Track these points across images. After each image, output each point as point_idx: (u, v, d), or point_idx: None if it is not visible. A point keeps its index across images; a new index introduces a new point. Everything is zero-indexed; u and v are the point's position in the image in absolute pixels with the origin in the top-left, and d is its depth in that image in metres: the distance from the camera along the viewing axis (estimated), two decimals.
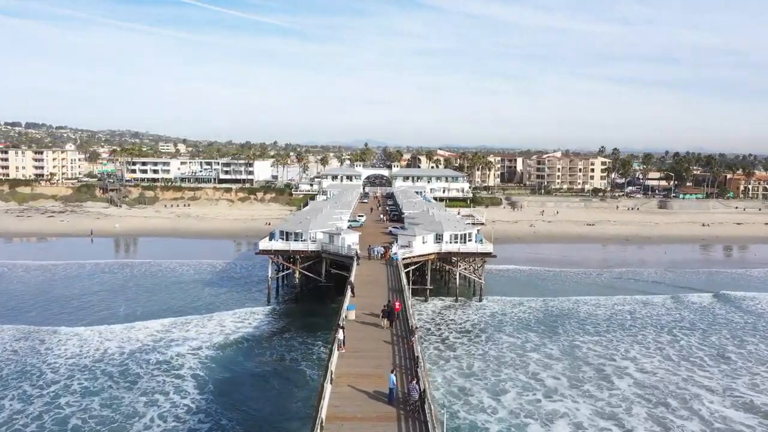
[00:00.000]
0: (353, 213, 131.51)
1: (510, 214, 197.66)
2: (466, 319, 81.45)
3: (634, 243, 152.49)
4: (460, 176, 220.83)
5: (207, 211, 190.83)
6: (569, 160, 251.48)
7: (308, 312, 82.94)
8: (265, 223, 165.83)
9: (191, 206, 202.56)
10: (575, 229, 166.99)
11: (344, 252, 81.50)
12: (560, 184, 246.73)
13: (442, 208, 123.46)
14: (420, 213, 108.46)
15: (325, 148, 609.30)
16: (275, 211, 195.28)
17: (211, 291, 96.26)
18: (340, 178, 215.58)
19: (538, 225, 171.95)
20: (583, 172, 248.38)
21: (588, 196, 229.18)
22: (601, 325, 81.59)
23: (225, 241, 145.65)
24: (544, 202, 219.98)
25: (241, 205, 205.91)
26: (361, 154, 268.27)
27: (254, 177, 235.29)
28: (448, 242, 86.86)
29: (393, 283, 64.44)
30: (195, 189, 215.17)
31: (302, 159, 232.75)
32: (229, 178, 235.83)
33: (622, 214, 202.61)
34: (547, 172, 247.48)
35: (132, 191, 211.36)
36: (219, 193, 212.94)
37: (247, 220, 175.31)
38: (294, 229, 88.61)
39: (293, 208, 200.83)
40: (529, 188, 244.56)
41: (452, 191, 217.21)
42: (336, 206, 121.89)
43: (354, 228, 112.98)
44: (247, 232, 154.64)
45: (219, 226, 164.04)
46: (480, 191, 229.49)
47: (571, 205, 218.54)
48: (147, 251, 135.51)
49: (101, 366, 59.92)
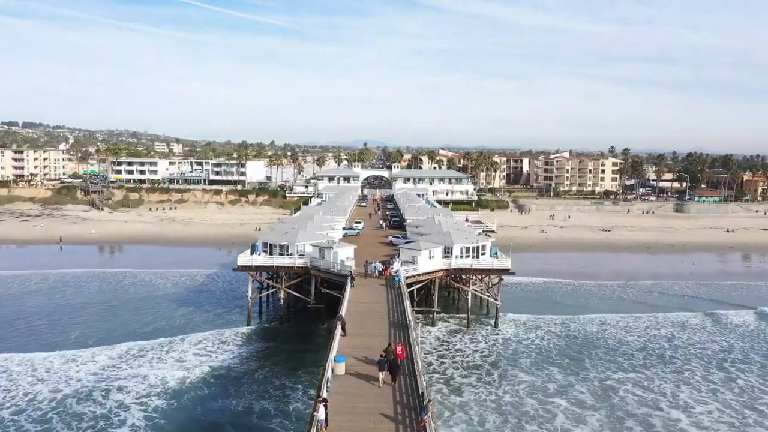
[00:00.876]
0: (350, 219, 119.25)
1: (518, 218, 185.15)
2: (475, 348, 69.08)
3: (656, 251, 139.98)
4: (464, 178, 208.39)
5: (194, 215, 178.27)
6: (579, 161, 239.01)
7: (293, 337, 70.53)
8: (254, 228, 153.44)
9: (178, 209, 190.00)
10: (590, 236, 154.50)
11: (336, 269, 69.07)
12: (569, 186, 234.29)
13: (449, 214, 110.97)
14: (425, 221, 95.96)
15: (324, 149, 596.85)
16: (267, 215, 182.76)
17: (185, 309, 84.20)
18: (337, 180, 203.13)
19: (550, 231, 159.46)
20: (593, 174, 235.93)
21: (599, 199, 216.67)
22: (636, 356, 69.29)
23: (209, 248, 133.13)
24: (553, 205, 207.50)
25: (231, 209, 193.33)
26: (359, 154, 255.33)
27: (246, 178, 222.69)
28: (458, 257, 74.38)
29: (395, 315, 51.92)
30: (183, 191, 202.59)
31: (297, 159, 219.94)
32: (220, 180, 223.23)
33: (637, 218, 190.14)
34: (555, 174, 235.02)
35: (115, 193, 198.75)
36: (208, 196, 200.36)
37: (236, 225, 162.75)
38: (279, 240, 76.11)
39: (286, 211, 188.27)
40: (537, 190, 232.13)
41: (456, 194, 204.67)
42: (330, 211, 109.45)
43: (350, 237, 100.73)
44: (234, 238, 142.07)
45: (205, 232, 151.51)
46: (485, 194, 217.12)
47: (582, 208, 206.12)
48: (122, 260, 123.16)
49: (20, 421, 47.34)
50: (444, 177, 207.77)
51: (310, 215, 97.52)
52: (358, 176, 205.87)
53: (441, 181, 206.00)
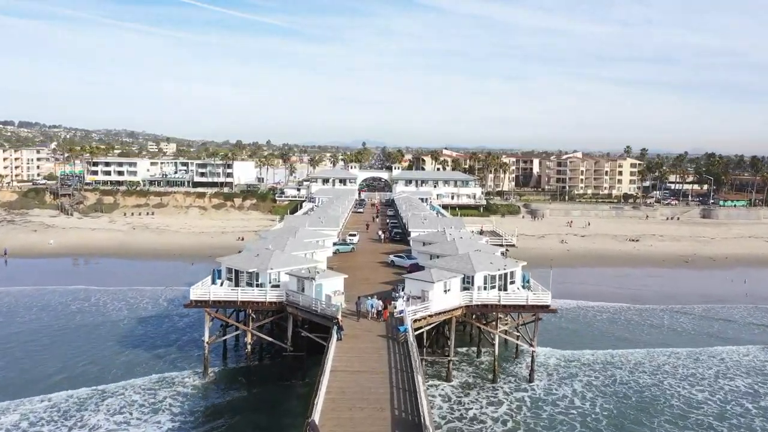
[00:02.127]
0: (343, 230, 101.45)
1: (532, 225, 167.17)
2: (498, 415, 51.18)
3: (697, 265, 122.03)
4: (471, 180, 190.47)
5: (172, 222, 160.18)
6: (594, 162, 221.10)
7: (260, 403, 52.56)
8: (237, 237, 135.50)
9: (155, 215, 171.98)
10: (617, 246, 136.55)
11: (319, 308, 51.16)
12: (584, 189, 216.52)
13: (461, 226, 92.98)
14: (433, 236, 78.02)
15: (323, 149, 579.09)
16: (254, 221, 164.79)
17: (133, 345, 67.43)
18: (332, 182, 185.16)
19: (571, 240, 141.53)
20: (610, 176, 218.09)
21: (618, 204, 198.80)
22: (718, 428, 51.49)
23: (183, 262, 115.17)
24: (568, 210, 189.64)
25: (214, 214, 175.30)
26: (357, 154, 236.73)
27: (234, 180, 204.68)
28: (481, 288, 56.46)
29: (402, 402, 33.75)
30: (163, 194, 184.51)
31: (289, 159, 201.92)
32: (204, 181, 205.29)
33: (662, 225, 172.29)
34: (568, 176, 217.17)
35: (88, 197, 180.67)
36: (190, 199, 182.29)
37: (217, 233, 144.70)
38: (247, 266, 58.24)
39: (276, 217, 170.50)
40: (549, 193, 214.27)
41: (462, 197, 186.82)
42: (319, 222, 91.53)
43: (343, 253, 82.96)
44: (213, 249, 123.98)
45: (180, 242, 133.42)
46: (493, 197, 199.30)
47: (601, 213, 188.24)
48: (78, 276, 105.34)
49: None
50: (449, 179, 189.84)
51: (293, 229, 79.53)
52: (355, 178, 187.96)
53: (446, 183, 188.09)
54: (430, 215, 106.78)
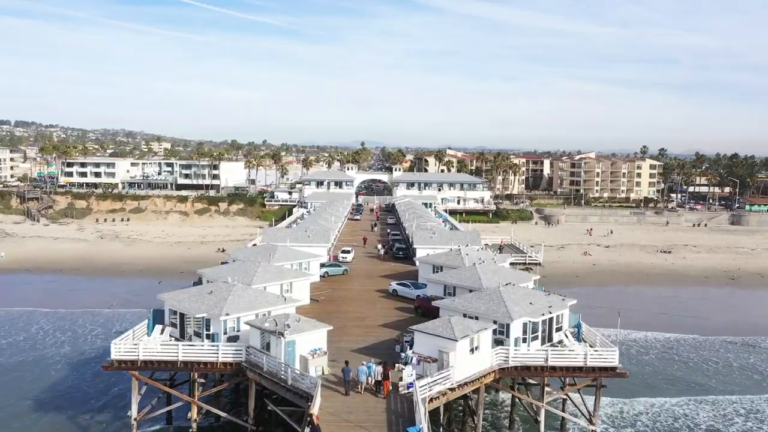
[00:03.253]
0: (336, 243, 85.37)
1: (547, 233, 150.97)
2: None
3: (746, 284, 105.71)
4: (479, 183, 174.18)
5: (147, 229, 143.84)
6: (611, 163, 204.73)
7: None
8: (217, 249, 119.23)
9: (131, 221, 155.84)
10: (649, 260, 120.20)
11: (289, 379, 34.92)
12: (599, 192, 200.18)
13: (477, 240, 76.58)
14: (446, 257, 61.89)
15: (322, 149, 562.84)
16: (240, 229, 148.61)
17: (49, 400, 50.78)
18: (327, 185, 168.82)
19: (595, 252, 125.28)
20: (628, 178, 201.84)
21: (639, 209, 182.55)
22: None
23: (149, 279, 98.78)
24: (585, 216, 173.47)
25: (196, 220, 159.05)
26: (354, 154, 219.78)
27: (221, 182, 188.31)
28: (519, 340, 40.17)
29: None
30: (142, 198, 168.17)
31: (280, 160, 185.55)
32: (189, 184, 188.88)
33: (691, 233, 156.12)
34: (583, 178, 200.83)
35: (59, 201, 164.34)
36: (171, 203, 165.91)
37: (196, 243, 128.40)
38: (195, 309, 41.81)
39: (265, 223, 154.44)
40: (562, 197, 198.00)
41: (469, 202, 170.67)
42: (306, 237, 75.22)
43: (333, 276, 66.98)
44: (188, 262, 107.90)
45: (151, 254, 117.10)
46: (502, 201, 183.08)
47: (621, 220, 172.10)
48: (24, 297, 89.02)
49: None
50: (455, 182, 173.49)
51: (270, 249, 63.26)
52: (352, 181, 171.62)
53: (451, 186, 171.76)
54: (439, 228, 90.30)
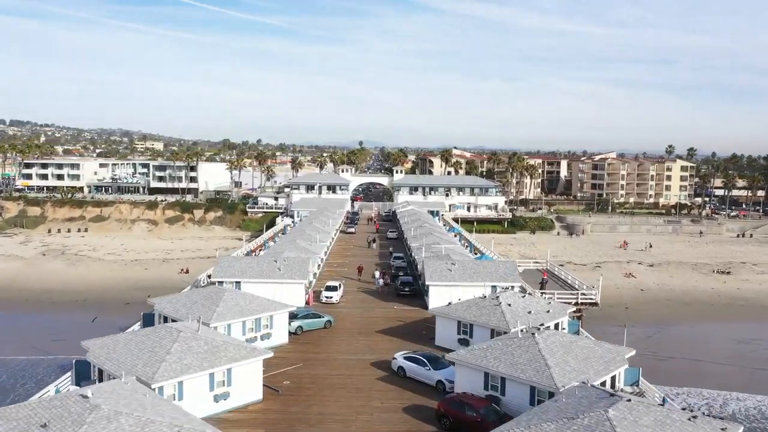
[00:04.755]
0: (319, 274, 64.19)
1: (572, 246, 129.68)
2: None
3: None
4: (492, 186, 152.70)
5: (105, 243, 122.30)
6: (637, 164, 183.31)
7: None
8: (180, 269, 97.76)
9: (89, 232, 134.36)
10: (706, 283, 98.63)
11: None
12: (625, 197, 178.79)
13: (515, 275, 54.80)
14: (478, 310, 41.19)
15: (321, 149, 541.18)
16: (215, 241, 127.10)
17: None
18: (318, 189, 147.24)
19: (638, 272, 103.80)
20: (656, 181, 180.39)
21: (673, 216, 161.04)
22: None
23: (84, 315, 77.22)
24: (614, 225, 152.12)
25: (166, 230, 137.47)
26: (350, 154, 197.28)
27: (199, 185, 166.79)
28: None
29: None
30: (105, 204, 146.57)
31: (265, 160, 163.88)
32: (163, 187, 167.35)
33: (737, 245, 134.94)
34: (606, 181, 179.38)
35: (8, 207, 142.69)
36: (139, 211, 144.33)
37: (158, 260, 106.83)
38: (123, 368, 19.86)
39: (246, 234, 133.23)
40: (583, 202, 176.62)
41: (481, 208, 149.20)
42: (276, 270, 53.76)
43: (309, 331, 45.81)
44: (139, 289, 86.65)
45: (100, 276, 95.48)
46: (516, 207, 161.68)
47: (654, 230, 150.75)
48: None
49: None
50: (464, 186, 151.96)
51: (215, 296, 41.87)
52: (347, 185, 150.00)
53: (460, 191, 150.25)
54: (457, 251, 68.31)
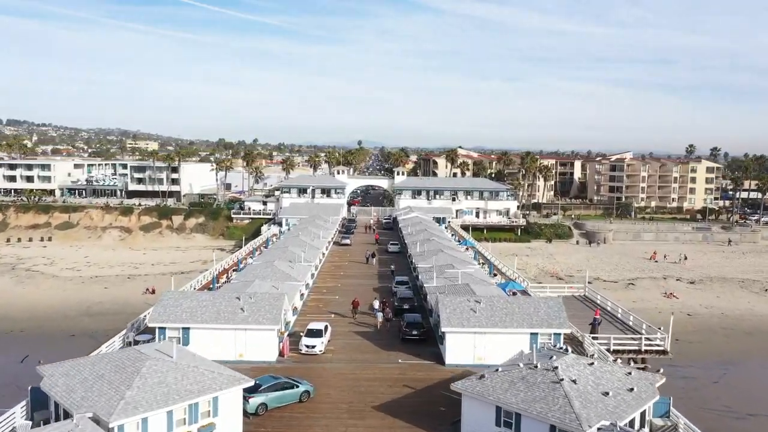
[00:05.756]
0: (301, 311, 49.99)
1: (595, 257, 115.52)
2: None
3: None
4: (504, 190, 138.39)
5: (66, 254, 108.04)
6: (659, 165, 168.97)
7: None
8: (145, 289, 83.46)
9: (53, 241, 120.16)
10: (763, 306, 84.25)
11: None
12: (646, 201, 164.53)
13: (560, 317, 40.54)
14: (527, 390, 26.33)
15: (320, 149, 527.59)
16: (194, 251, 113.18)
17: None
18: (311, 193, 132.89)
19: (678, 290, 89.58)
20: (680, 183, 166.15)
21: (703, 223, 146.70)
22: None
23: (17, 351, 62.74)
24: (637, 232, 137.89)
25: (140, 239, 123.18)
26: (347, 154, 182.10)
27: (182, 188, 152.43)
28: None
29: None
30: (75, 209, 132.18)
31: (253, 161, 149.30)
32: (142, 190, 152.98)
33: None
34: (626, 183, 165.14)
35: None
36: (112, 217, 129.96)
37: (121, 277, 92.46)
38: None
39: (230, 243, 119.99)
40: (600, 206, 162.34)
41: (491, 214, 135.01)
42: (238, 312, 39.41)
43: (277, 409, 30.62)
44: (92, 315, 72.64)
45: (47, 298, 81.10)
46: (528, 211, 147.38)
47: (682, 237, 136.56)
48: None
49: None
50: (473, 189, 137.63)
51: (133, 367, 27.31)
52: (343, 188, 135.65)
53: (468, 195, 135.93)
54: (480, 282, 53.42)
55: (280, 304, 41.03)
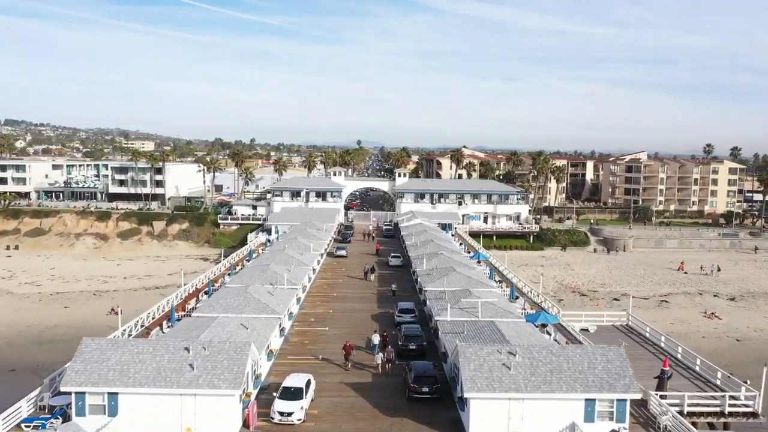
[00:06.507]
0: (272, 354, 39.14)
1: (617, 266, 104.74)
2: None
3: None
4: (514, 193, 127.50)
5: (32, 265, 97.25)
6: (678, 166, 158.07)
7: None
8: (109, 309, 72.55)
9: (20, 249, 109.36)
10: None
11: None
12: (664, 204, 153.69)
13: (627, 381, 30.02)
14: None
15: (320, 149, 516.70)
16: (174, 262, 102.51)
17: None
18: (305, 196, 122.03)
19: (719, 309, 78.74)
20: (700, 185, 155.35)
21: (730, 229, 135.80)
22: None
23: None
24: (660, 239, 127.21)
25: (117, 247, 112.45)
26: (345, 154, 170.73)
27: (166, 190, 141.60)
28: None
29: None
30: (47, 214, 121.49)
31: (242, 162, 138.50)
32: (124, 193, 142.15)
33: None
34: (643, 185, 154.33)
35: None
36: (87, 222, 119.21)
37: (85, 294, 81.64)
38: None
39: (215, 252, 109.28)
40: (616, 210, 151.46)
41: (501, 219, 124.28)
42: (186, 371, 28.59)
43: None
44: (41, 345, 61.73)
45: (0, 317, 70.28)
46: (539, 216, 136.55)
47: (708, 244, 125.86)
48: None
49: None
50: (480, 192, 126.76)
51: None
52: (339, 191, 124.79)
53: (476, 198, 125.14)
54: (503, 311, 42.65)
55: (243, 359, 30.20)
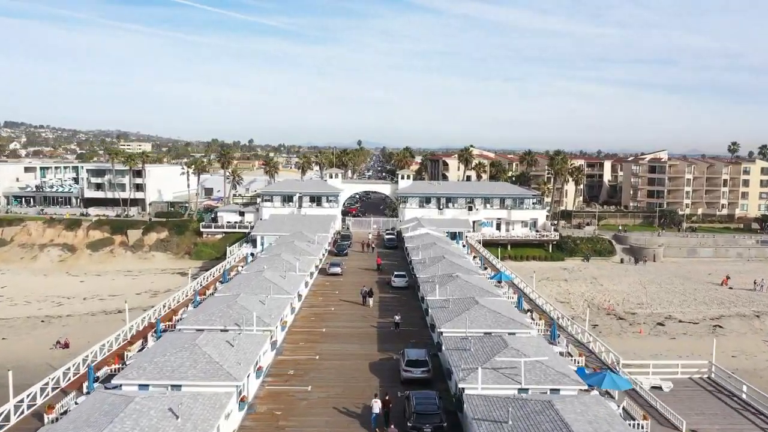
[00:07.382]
0: None
1: (651, 281, 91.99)
2: None
3: None
4: (529, 196, 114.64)
5: None
6: (706, 167, 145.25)
7: None
8: (55, 342, 59.92)
9: None
10: None
11: None
12: (692, 207, 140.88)
13: None
14: None
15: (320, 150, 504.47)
16: (148, 277, 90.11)
17: None
18: (297, 202, 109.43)
19: None
20: (730, 187, 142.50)
21: (766, 234, 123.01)
22: None
23: None
24: (692, 247, 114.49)
25: (86, 259, 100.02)
26: (342, 154, 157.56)
27: (147, 195, 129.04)
28: None
29: None
30: (10, 222, 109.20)
31: (230, 163, 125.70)
32: (101, 197, 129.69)
33: None
34: (668, 187, 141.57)
35: None
36: (55, 231, 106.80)
37: (33, 318, 69.15)
38: None
39: (196, 264, 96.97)
40: (639, 214, 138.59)
41: (516, 225, 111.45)
42: None
43: None
44: None
45: None
46: (557, 221, 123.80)
47: (746, 253, 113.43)
48: None
49: None
50: (492, 196, 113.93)
51: None
52: (336, 194, 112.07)
53: (487, 203, 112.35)
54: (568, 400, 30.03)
55: None
